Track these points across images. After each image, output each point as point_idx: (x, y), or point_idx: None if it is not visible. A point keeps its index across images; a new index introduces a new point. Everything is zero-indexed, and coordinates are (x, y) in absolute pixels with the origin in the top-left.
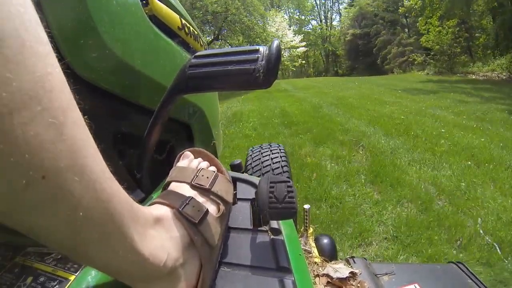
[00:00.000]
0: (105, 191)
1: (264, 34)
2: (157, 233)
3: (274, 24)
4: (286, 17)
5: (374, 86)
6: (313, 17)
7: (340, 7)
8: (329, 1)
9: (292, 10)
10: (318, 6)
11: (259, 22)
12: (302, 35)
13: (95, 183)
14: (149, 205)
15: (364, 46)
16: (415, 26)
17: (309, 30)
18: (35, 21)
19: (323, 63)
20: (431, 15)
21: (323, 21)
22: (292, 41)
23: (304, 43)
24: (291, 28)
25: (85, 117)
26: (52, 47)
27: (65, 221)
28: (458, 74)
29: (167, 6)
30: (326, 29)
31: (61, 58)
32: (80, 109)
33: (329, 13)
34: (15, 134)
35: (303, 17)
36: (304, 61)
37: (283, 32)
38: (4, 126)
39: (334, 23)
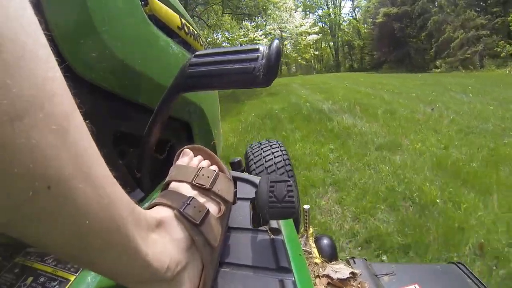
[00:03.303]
0: (109, 196)
1: (269, 11)
2: (159, 237)
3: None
4: None
5: None
6: (320, 4)
7: None
8: None
9: None
10: None
11: None
12: (313, 19)
13: (100, 189)
14: (150, 205)
15: (401, 31)
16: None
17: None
18: (34, 23)
19: (332, 57)
20: None
21: (331, 8)
22: (301, 25)
23: (317, 29)
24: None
25: (87, 121)
26: (52, 47)
27: (69, 229)
28: None
29: (166, 5)
30: (337, 16)
31: (61, 60)
32: (81, 113)
33: None
34: (17, 143)
35: (309, 2)
36: (317, 52)
37: (289, 13)
38: (5, 134)
39: (344, 11)
